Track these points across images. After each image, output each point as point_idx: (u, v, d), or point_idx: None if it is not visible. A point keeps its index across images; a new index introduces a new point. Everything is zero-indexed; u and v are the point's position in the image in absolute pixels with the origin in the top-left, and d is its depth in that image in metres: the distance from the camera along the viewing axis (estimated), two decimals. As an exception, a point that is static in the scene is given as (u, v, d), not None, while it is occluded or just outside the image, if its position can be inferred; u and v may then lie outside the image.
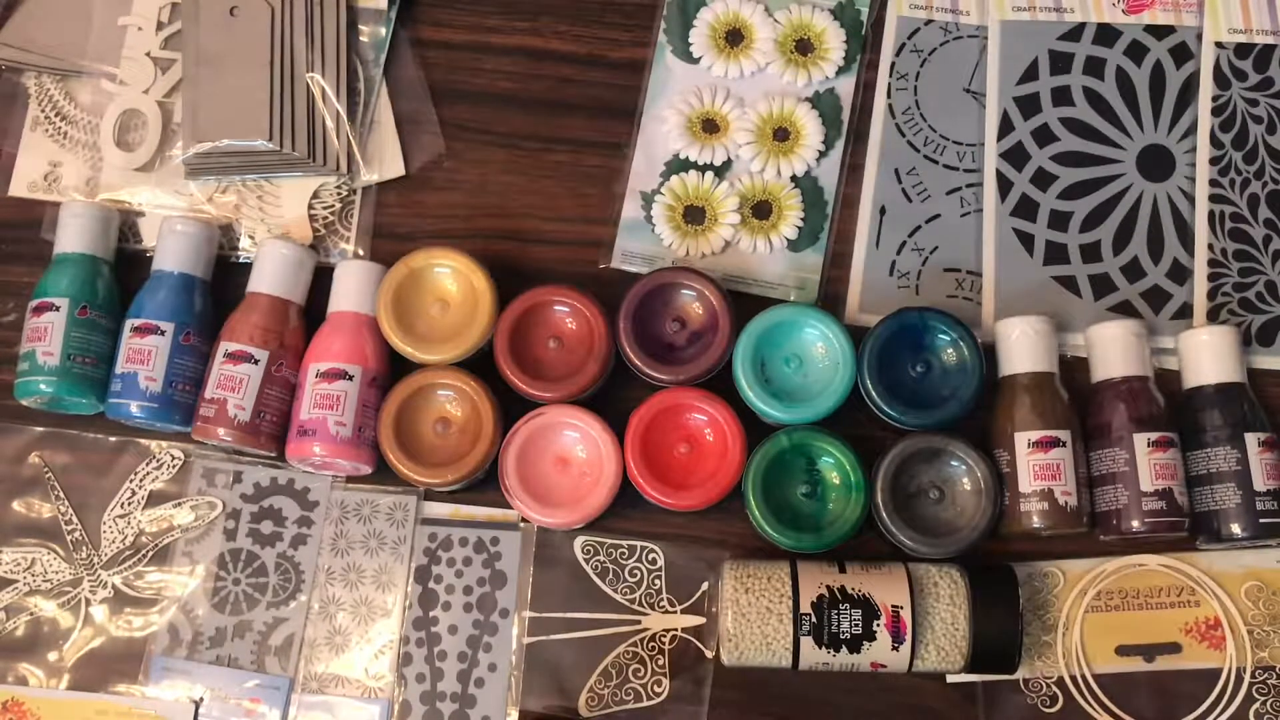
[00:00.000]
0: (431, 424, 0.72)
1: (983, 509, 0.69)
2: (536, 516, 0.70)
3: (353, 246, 0.77)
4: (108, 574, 0.73)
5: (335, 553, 0.73)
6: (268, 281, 0.73)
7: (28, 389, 0.72)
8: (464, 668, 0.71)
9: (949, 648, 0.66)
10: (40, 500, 0.74)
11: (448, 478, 0.70)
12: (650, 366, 0.70)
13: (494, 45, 0.80)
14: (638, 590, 0.72)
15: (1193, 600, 0.71)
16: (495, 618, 0.72)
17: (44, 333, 0.72)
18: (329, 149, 0.76)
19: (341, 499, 0.74)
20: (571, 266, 0.76)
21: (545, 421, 0.71)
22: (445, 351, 0.71)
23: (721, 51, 0.79)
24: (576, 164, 0.78)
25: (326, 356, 0.71)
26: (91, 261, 0.74)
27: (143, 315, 0.72)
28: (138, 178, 0.78)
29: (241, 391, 0.70)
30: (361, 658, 0.72)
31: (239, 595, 0.72)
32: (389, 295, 0.72)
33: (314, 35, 0.77)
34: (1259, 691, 0.70)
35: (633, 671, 0.71)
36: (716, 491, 0.69)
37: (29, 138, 0.79)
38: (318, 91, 0.76)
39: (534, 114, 0.79)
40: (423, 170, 0.78)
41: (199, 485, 0.74)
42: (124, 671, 0.72)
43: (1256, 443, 0.69)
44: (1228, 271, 0.76)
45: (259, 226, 0.77)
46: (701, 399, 0.70)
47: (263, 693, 0.71)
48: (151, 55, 0.79)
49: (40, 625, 0.73)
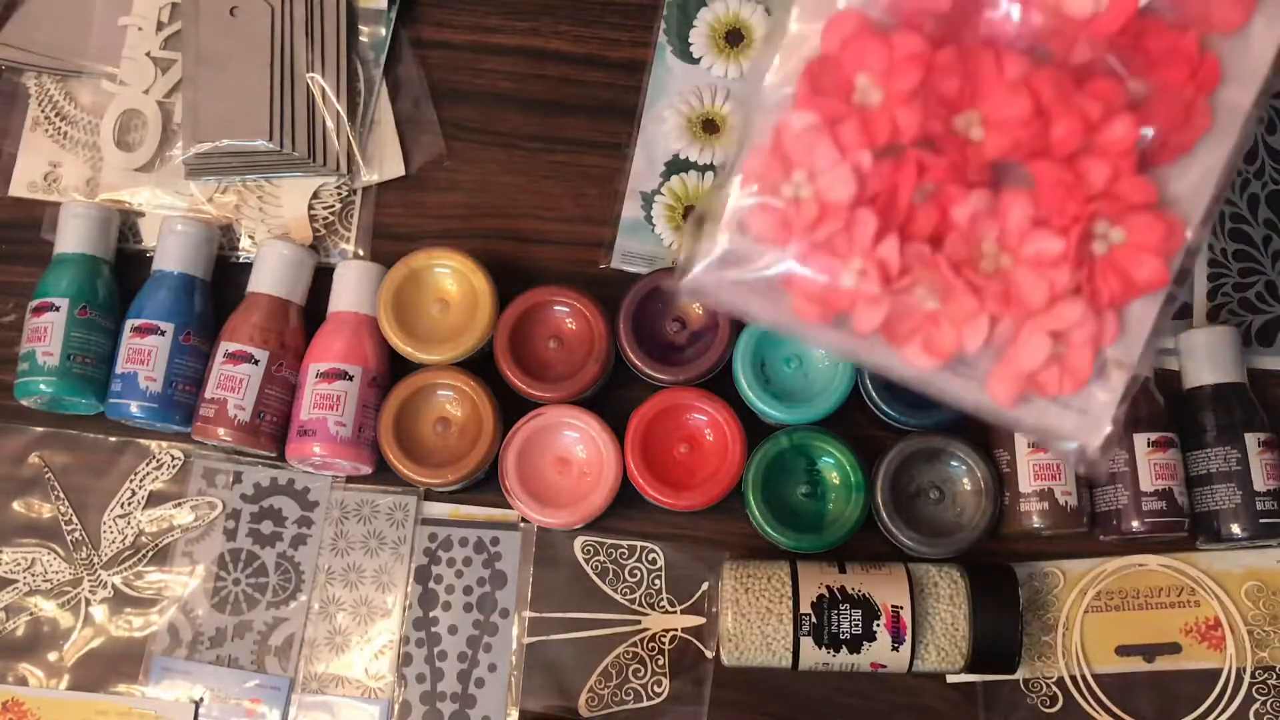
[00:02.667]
0: (431, 424, 0.72)
1: (983, 509, 0.69)
2: (536, 517, 0.70)
3: (353, 247, 0.77)
4: (108, 574, 0.73)
5: (335, 553, 0.73)
6: (268, 282, 0.73)
7: (28, 389, 0.72)
8: (464, 668, 0.71)
9: (949, 648, 0.66)
10: (40, 500, 0.74)
11: (448, 478, 0.70)
12: (650, 366, 0.70)
13: (494, 45, 0.80)
14: (638, 590, 0.72)
15: (1193, 600, 0.71)
16: (495, 618, 0.72)
17: (44, 333, 0.72)
18: (329, 149, 0.76)
19: (341, 499, 0.74)
20: (571, 266, 0.76)
21: (545, 422, 0.71)
22: (445, 352, 0.71)
23: (721, 51, 0.79)
24: (576, 164, 0.78)
25: (326, 356, 0.71)
26: (91, 262, 0.74)
27: (143, 315, 0.72)
28: (138, 178, 0.77)
29: (241, 392, 0.70)
30: (361, 658, 0.72)
31: (239, 595, 0.72)
32: (389, 295, 0.72)
33: (314, 35, 0.77)
34: (1259, 692, 0.70)
35: (633, 672, 0.71)
36: (717, 491, 0.69)
37: (29, 138, 0.79)
38: (318, 92, 0.76)
39: (534, 114, 0.79)
40: (423, 170, 0.78)
41: (199, 485, 0.74)
42: (124, 672, 0.72)
43: (1256, 443, 0.69)
44: (1228, 271, 0.76)
45: (259, 227, 0.77)
46: (701, 399, 0.70)
47: (263, 693, 0.71)
48: (152, 55, 0.79)
49: (40, 625, 0.73)
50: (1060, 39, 0.38)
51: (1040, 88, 0.37)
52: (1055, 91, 0.37)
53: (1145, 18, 0.38)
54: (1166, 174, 0.39)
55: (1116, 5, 0.37)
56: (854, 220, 0.40)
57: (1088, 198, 0.38)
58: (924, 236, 0.40)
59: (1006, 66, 0.37)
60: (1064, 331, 0.40)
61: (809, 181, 0.40)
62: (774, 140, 0.41)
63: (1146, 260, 0.39)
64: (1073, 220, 0.38)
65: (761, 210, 0.42)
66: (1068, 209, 0.38)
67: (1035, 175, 0.38)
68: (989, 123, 0.37)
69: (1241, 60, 0.39)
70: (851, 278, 0.41)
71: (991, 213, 0.39)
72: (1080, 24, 0.37)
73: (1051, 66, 0.38)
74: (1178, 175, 0.39)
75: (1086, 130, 0.37)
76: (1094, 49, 0.37)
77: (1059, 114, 0.37)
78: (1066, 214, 0.38)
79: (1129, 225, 0.38)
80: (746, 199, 0.42)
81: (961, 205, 0.40)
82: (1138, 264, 0.39)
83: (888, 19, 0.40)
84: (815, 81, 0.40)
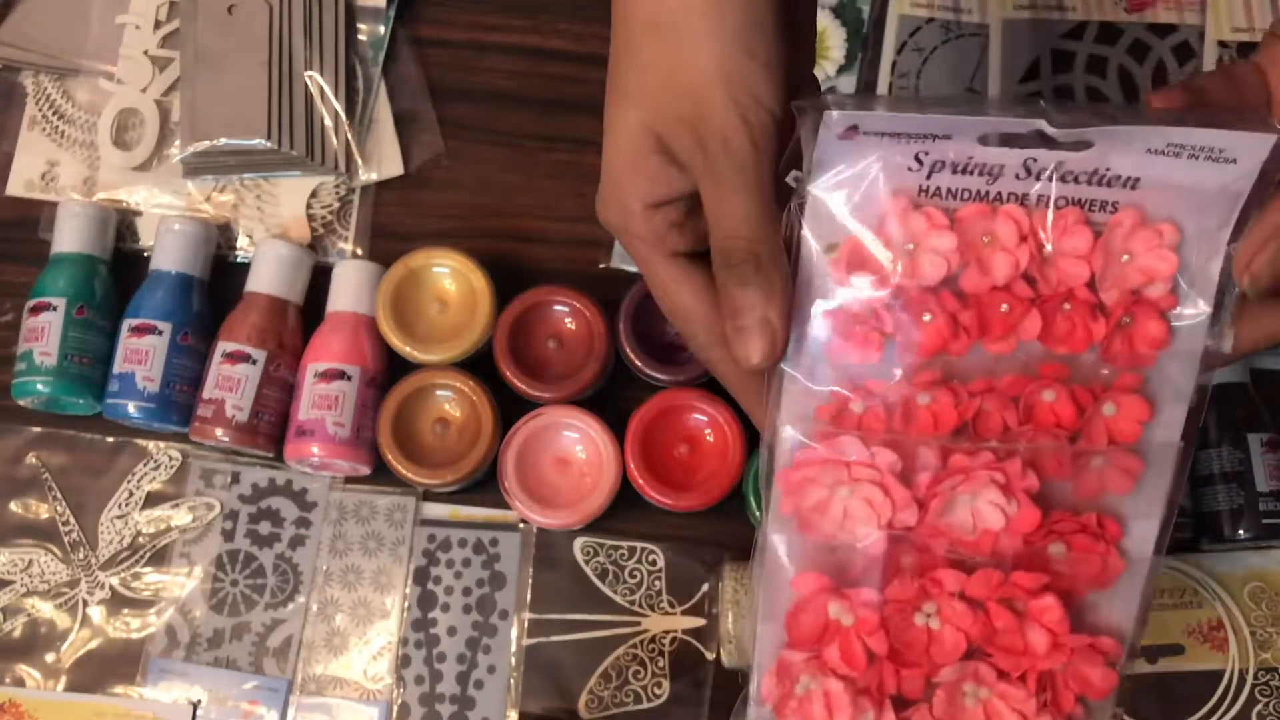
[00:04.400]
0: (430, 424, 0.72)
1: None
2: (536, 517, 0.70)
3: (351, 246, 0.77)
4: (105, 575, 0.73)
5: (334, 554, 0.73)
6: (266, 281, 0.73)
7: (25, 389, 0.72)
8: (463, 669, 0.71)
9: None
10: (37, 501, 0.74)
11: (447, 478, 0.70)
12: (650, 366, 0.70)
13: (494, 44, 0.80)
14: (638, 592, 0.72)
15: (1195, 602, 0.71)
16: (494, 619, 0.72)
17: (41, 333, 0.71)
18: (327, 148, 0.76)
19: (340, 500, 0.73)
20: (571, 266, 0.76)
21: (545, 422, 0.70)
22: (444, 351, 0.71)
23: (722, 50, 0.79)
24: (576, 163, 0.78)
25: (325, 356, 0.71)
26: (89, 261, 0.73)
27: (140, 315, 0.72)
28: (135, 177, 0.77)
29: (239, 392, 0.70)
30: (360, 659, 0.71)
31: (237, 596, 0.72)
32: (388, 295, 0.71)
33: (312, 34, 0.77)
34: (1261, 693, 0.70)
35: (633, 673, 0.71)
36: (717, 492, 0.69)
37: (26, 137, 0.79)
38: (316, 90, 0.76)
39: (534, 113, 0.79)
40: (422, 169, 0.78)
41: (197, 486, 0.74)
42: (122, 673, 0.72)
43: (1259, 443, 0.69)
44: (1230, 271, 0.75)
45: (257, 226, 0.77)
46: (701, 399, 0.70)
47: (261, 694, 0.71)
48: (149, 54, 0.78)
49: (38, 626, 0.72)
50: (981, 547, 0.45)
51: (975, 591, 0.45)
52: (989, 590, 0.45)
53: (1052, 512, 0.45)
54: (1094, 603, 0.46)
55: (1025, 512, 0.44)
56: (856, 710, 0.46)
57: (1035, 659, 0.45)
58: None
59: (945, 582, 0.45)
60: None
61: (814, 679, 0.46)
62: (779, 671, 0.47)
63: (1095, 674, 0.46)
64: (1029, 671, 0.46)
65: None
66: (1022, 665, 0.46)
67: (992, 654, 0.46)
68: (944, 618, 0.45)
69: (1138, 512, 0.46)
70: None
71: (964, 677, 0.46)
72: (997, 533, 0.45)
73: (981, 571, 0.45)
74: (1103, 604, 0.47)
75: (1018, 616, 0.45)
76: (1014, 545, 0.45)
77: (995, 609, 0.45)
78: (1022, 668, 0.46)
79: (1072, 660, 0.46)
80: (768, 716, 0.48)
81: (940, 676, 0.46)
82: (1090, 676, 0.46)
83: None
84: (796, 633, 0.46)
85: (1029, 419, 0.44)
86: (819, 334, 0.44)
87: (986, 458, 0.44)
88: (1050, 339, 0.44)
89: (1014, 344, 0.44)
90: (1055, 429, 0.44)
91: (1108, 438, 0.44)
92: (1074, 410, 0.44)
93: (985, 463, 0.44)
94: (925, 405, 0.44)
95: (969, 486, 0.44)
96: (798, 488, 0.45)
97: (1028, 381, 0.44)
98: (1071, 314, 0.43)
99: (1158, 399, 0.44)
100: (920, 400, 0.44)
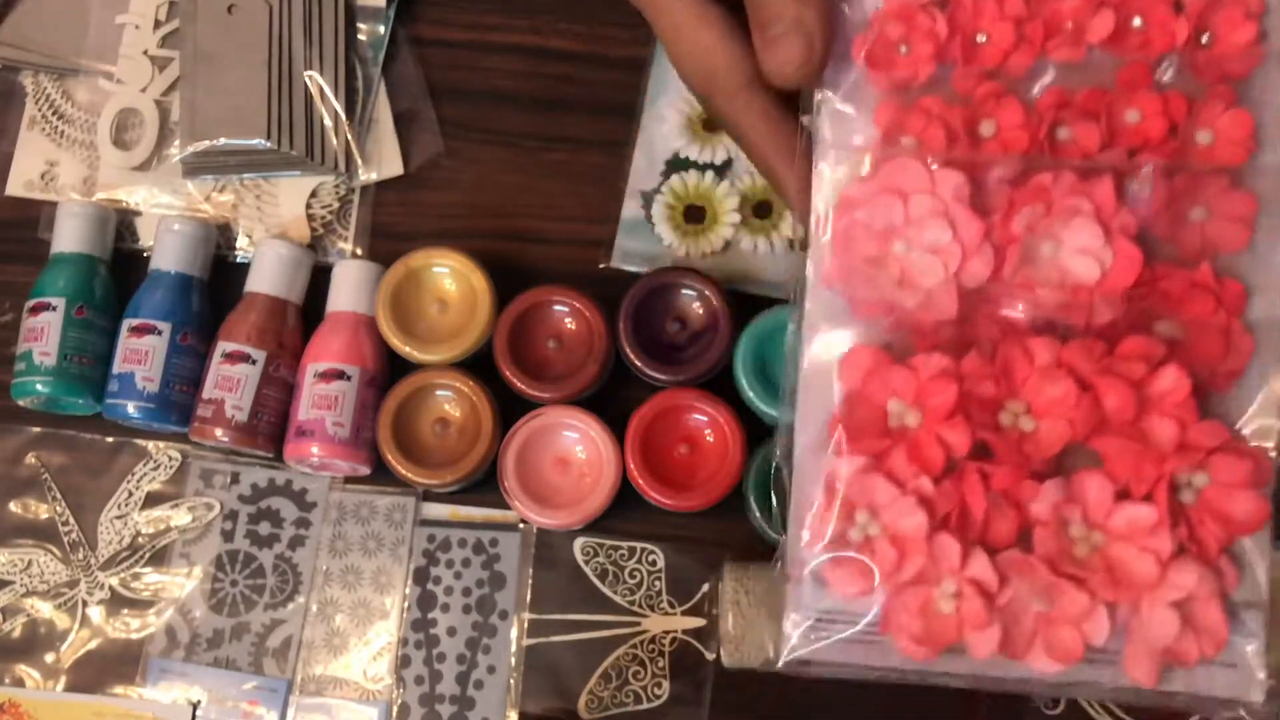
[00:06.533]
0: (430, 424, 0.72)
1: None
2: (536, 517, 0.70)
3: (351, 246, 0.77)
4: (105, 575, 0.73)
5: (333, 554, 0.73)
6: (265, 281, 0.73)
7: (24, 389, 0.72)
8: (463, 670, 0.71)
9: (951, 650, 0.66)
10: (37, 501, 0.74)
11: (446, 478, 0.69)
12: (650, 366, 0.70)
13: (493, 43, 0.80)
14: (638, 592, 0.72)
15: (1196, 602, 0.71)
16: (494, 619, 0.72)
17: (41, 333, 0.71)
18: (327, 148, 0.76)
19: (339, 500, 0.73)
20: (571, 266, 0.76)
21: (545, 422, 0.70)
22: (444, 352, 0.71)
23: (722, 50, 0.78)
24: (576, 163, 0.78)
25: (324, 356, 0.71)
26: (88, 261, 0.73)
27: (140, 315, 0.72)
28: (135, 177, 0.77)
29: (239, 392, 0.70)
30: (360, 660, 0.71)
31: (236, 597, 0.72)
32: (387, 295, 0.71)
33: (312, 33, 0.77)
34: (1263, 694, 0.70)
35: (633, 674, 0.71)
36: (717, 492, 0.69)
37: (26, 136, 0.79)
38: (316, 90, 0.76)
39: (533, 113, 0.79)
40: (421, 169, 0.78)
41: (196, 486, 0.74)
42: (121, 673, 0.72)
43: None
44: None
45: (256, 226, 0.77)
46: (701, 399, 0.70)
47: (261, 695, 0.71)
48: (149, 54, 0.78)
49: (37, 627, 0.72)
50: (1076, 310, 0.37)
51: (1075, 363, 0.36)
52: (1091, 363, 0.36)
53: (1154, 264, 0.37)
54: (1230, 403, 0.37)
55: (1122, 259, 0.37)
56: (934, 550, 0.39)
57: (1161, 458, 0.37)
58: (1009, 542, 0.39)
59: (1036, 353, 0.36)
60: (1185, 598, 0.39)
61: (874, 520, 0.39)
62: (826, 492, 0.40)
63: (1240, 498, 0.37)
64: (1154, 483, 0.37)
65: (837, 565, 0.40)
66: (1145, 474, 0.37)
67: (1101, 451, 0.37)
68: (1037, 413, 0.36)
69: (1260, 272, 0.38)
70: (949, 603, 0.39)
71: (1070, 499, 0.38)
72: (1091, 289, 0.37)
73: (1078, 340, 0.36)
74: (1240, 401, 0.37)
75: (1136, 393, 0.36)
76: (1113, 308, 0.36)
77: (1103, 386, 0.36)
78: (1146, 479, 0.37)
79: (1211, 470, 0.37)
80: (819, 556, 0.41)
81: (1038, 500, 0.38)
82: (1233, 504, 0.37)
83: (895, 338, 0.38)
84: (849, 424, 0.38)
85: (1112, 143, 0.37)
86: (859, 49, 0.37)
87: (1070, 180, 0.36)
88: (1124, 46, 0.36)
89: (1083, 50, 0.37)
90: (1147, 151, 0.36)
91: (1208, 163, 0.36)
92: (1164, 125, 0.36)
93: (1071, 186, 0.36)
94: (989, 134, 0.36)
95: (1053, 223, 0.36)
96: (844, 238, 0.37)
97: (1104, 94, 0.36)
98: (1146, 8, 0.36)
99: (1260, 117, 0.37)
100: (984, 130, 0.36)
